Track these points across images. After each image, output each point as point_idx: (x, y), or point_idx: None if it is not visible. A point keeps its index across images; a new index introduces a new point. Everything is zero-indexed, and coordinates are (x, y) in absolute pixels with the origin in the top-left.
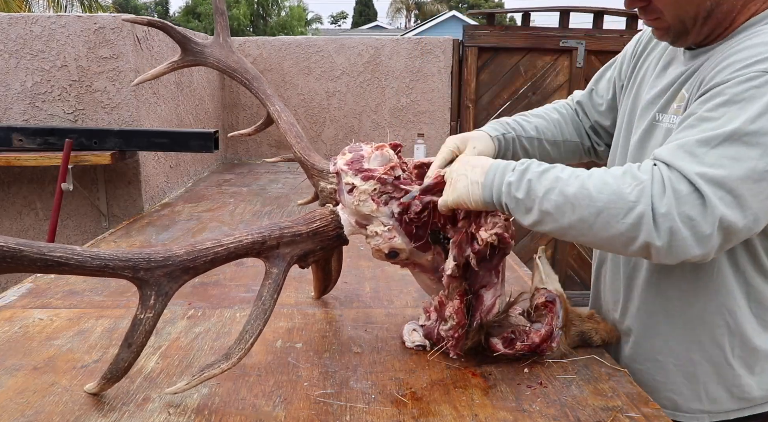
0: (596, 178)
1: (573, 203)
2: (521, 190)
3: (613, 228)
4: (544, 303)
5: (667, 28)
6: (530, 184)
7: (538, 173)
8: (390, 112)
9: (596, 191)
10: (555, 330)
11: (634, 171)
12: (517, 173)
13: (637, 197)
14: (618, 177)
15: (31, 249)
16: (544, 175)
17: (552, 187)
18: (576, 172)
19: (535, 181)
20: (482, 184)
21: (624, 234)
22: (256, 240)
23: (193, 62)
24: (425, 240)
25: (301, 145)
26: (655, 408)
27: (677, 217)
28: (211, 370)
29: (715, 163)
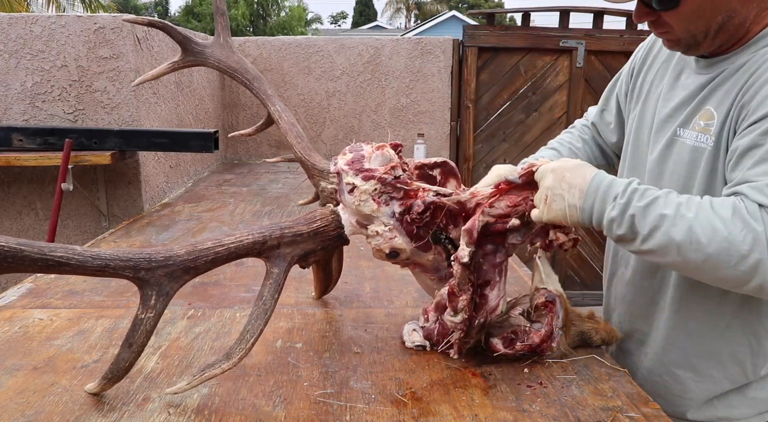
0: (704, 220)
1: (680, 246)
2: (623, 226)
3: (722, 272)
4: (544, 303)
5: (678, 40)
6: (633, 220)
7: (642, 208)
8: (390, 112)
9: (705, 238)
10: (555, 330)
11: (745, 215)
12: (618, 208)
13: (751, 246)
14: (728, 221)
15: (32, 249)
16: (648, 211)
17: (657, 226)
18: (681, 206)
19: (639, 218)
20: (581, 209)
21: (737, 278)
22: (257, 240)
23: (193, 62)
24: (426, 241)
25: (301, 145)
26: (655, 408)
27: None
28: (211, 370)
29: None
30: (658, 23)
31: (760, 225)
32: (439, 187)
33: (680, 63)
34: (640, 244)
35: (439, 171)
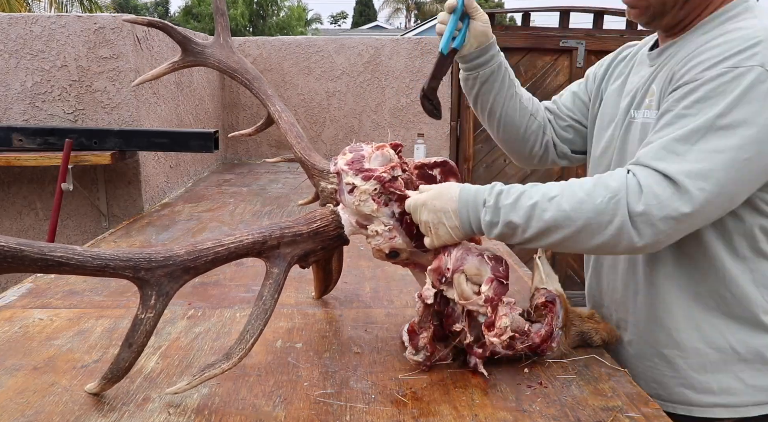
0: (569, 195)
1: (555, 226)
2: (500, 225)
3: (596, 240)
4: (544, 303)
5: (647, 7)
6: (507, 217)
7: (511, 205)
8: (390, 112)
9: (573, 211)
10: (555, 330)
11: (607, 181)
12: (490, 211)
13: (614, 210)
14: (590, 191)
15: (32, 249)
16: (517, 205)
17: (530, 215)
18: (547, 191)
19: (512, 214)
20: (461, 227)
21: (608, 243)
22: (257, 240)
23: (193, 63)
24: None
25: (301, 145)
26: (655, 408)
27: (657, 218)
28: (211, 370)
29: (699, 158)
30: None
31: (619, 184)
32: None
33: (630, 62)
34: (521, 236)
35: (439, 170)
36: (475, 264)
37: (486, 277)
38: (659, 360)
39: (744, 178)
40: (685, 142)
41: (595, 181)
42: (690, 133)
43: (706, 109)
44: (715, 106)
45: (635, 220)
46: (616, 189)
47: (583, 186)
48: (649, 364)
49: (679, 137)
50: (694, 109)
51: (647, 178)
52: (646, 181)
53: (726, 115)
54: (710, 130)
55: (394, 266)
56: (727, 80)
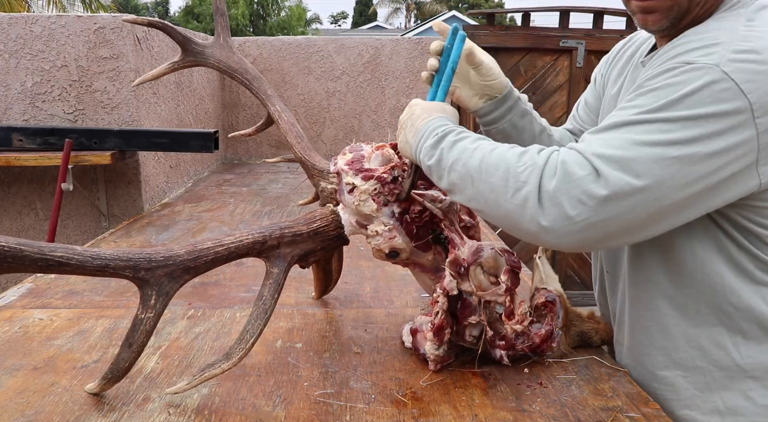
0: (497, 153)
1: (473, 176)
2: (434, 157)
3: (502, 207)
4: (544, 303)
5: (669, 8)
6: (442, 153)
7: (451, 143)
8: (390, 112)
9: (493, 167)
10: (555, 330)
11: (533, 152)
12: (433, 139)
13: (527, 178)
14: (517, 155)
15: (32, 249)
16: (455, 146)
17: (459, 158)
18: (485, 145)
19: (446, 151)
20: (411, 145)
21: (512, 212)
22: (257, 240)
23: (193, 63)
24: (426, 240)
25: (301, 145)
26: (655, 408)
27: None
28: (211, 370)
29: (622, 146)
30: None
31: (542, 159)
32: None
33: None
34: (446, 179)
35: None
36: (492, 255)
37: (503, 268)
38: (659, 384)
39: (676, 179)
40: (615, 129)
41: (528, 149)
42: (622, 122)
43: (646, 100)
44: (653, 98)
45: (543, 196)
46: (537, 163)
47: (516, 149)
48: (649, 390)
49: (610, 125)
50: (637, 100)
51: (568, 156)
52: (566, 157)
53: (665, 109)
54: (644, 121)
55: (394, 266)
56: (674, 74)
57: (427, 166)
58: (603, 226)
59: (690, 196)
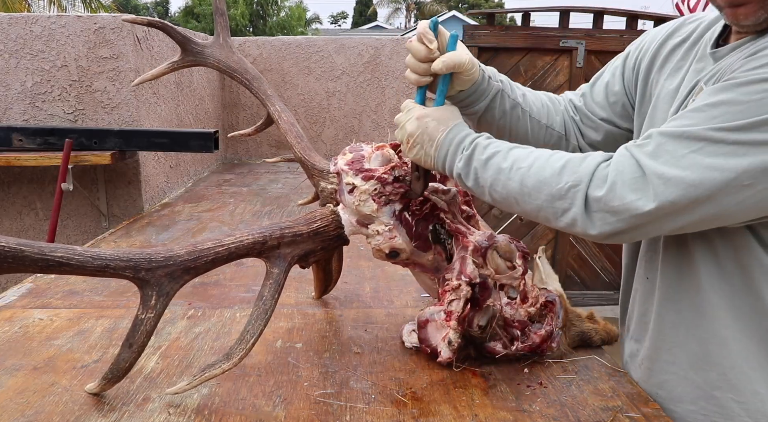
0: (535, 172)
1: (516, 199)
2: (470, 179)
3: (552, 223)
4: (544, 303)
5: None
6: (477, 173)
7: (483, 162)
8: (390, 112)
9: (535, 190)
10: (555, 330)
11: (576, 166)
12: (464, 160)
13: (572, 199)
14: (556, 174)
15: (33, 249)
16: (488, 165)
17: (496, 179)
18: (517, 160)
19: (481, 170)
20: (436, 160)
21: (563, 228)
22: (257, 240)
23: (193, 62)
24: (426, 240)
25: (301, 145)
26: (655, 408)
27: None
28: (212, 370)
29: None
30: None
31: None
32: (440, 183)
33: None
34: (488, 197)
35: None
36: (505, 240)
37: (517, 253)
38: (706, 404)
39: (740, 203)
40: (687, 145)
41: (567, 161)
42: (697, 137)
43: (729, 114)
44: (741, 115)
45: (590, 208)
46: (580, 178)
47: (553, 164)
48: (692, 408)
49: (684, 134)
50: (718, 109)
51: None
52: (618, 175)
53: (747, 131)
54: (720, 143)
55: (394, 266)
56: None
57: (462, 184)
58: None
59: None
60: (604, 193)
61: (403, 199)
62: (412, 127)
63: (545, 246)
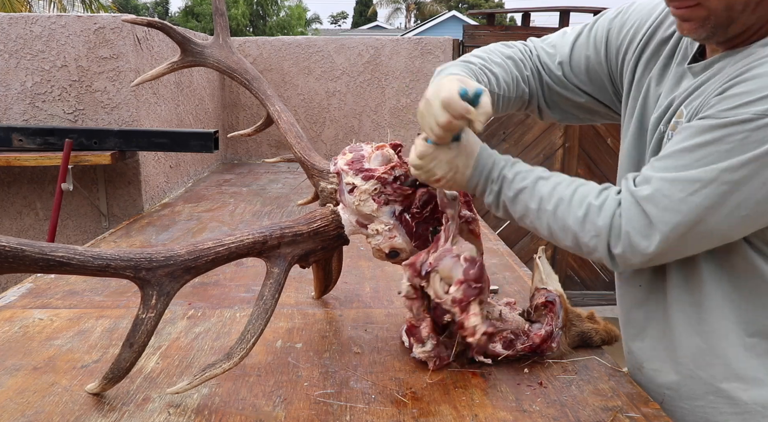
0: (560, 219)
1: (545, 235)
2: (500, 211)
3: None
4: (544, 303)
5: (705, 18)
6: (506, 206)
7: (511, 199)
8: (390, 112)
9: (561, 234)
10: (555, 330)
11: (594, 218)
12: (493, 195)
13: (595, 246)
14: (579, 222)
15: (33, 249)
16: (516, 202)
17: (524, 216)
18: (542, 201)
19: (510, 205)
20: (466, 186)
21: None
22: (258, 240)
23: (192, 63)
24: (426, 239)
25: (301, 145)
26: (654, 408)
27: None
28: (212, 370)
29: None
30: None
31: (604, 225)
32: None
33: (680, 69)
34: (518, 224)
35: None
36: (449, 265)
37: (455, 279)
38: (715, 397)
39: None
40: (683, 188)
41: (585, 212)
42: (692, 180)
43: (716, 155)
44: (728, 156)
45: (614, 258)
46: (601, 229)
47: (576, 211)
48: (701, 404)
49: (679, 179)
50: (705, 150)
51: (631, 222)
52: (628, 227)
53: (736, 170)
54: (713, 182)
55: (394, 266)
56: (751, 128)
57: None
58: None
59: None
60: (621, 250)
61: (403, 199)
62: (443, 171)
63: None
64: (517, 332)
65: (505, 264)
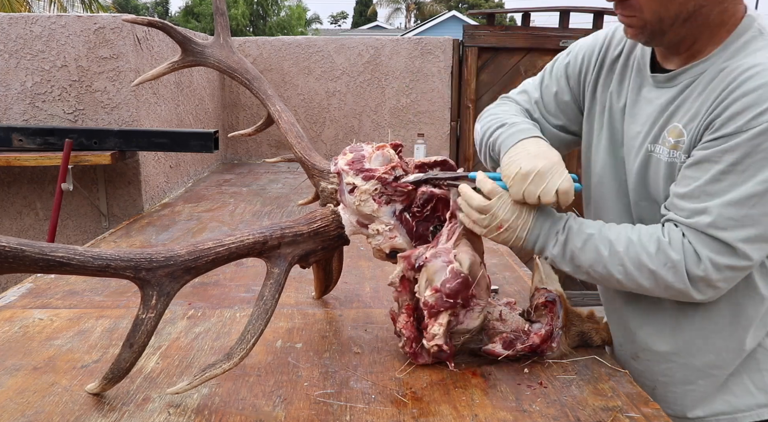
0: (634, 257)
1: (618, 280)
2: (566, 263)
3: (657, 295)
4: (544, 303)
5: (643, 26)
6: (573, 255)
7: (579, 248)
8: (390, 112)
9: (636, 272)
10: (555, 330)
11: (666, 249)
12: (559, 246)
13: (674, 277)
14: (653, 257)
15: (33, 249)
16: (585, 249)
17: (596, 261)
18: (612, 244)
19: (579, 255)
20: (526, 242)
21: (669, 298)
22: (258, 240)
23: (193, 62)
24: (426, 240)
25: (301, 145)
26: (655, 408)
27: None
28: (212, 370)
29: (756, 222)
30: (628, 5)
31: (679, 256)
32: None
33: (638, 79)
34: (585, 276)
35: (439, 169)
36: (436, 268)
37: (433, 285)
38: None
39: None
40: (741, 206)
41: (657, 246)
42: (745, 197)
43: (755, 167)
44: (759, 165)
45: (695, 282)
46: (677, 260)
47: (647, 249)
48: (692, 387)
49: (734, 201)
50: (743, 165)
51: (705, 247)
52: (704, 250)
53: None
54: (759, 194)
55: (395, 266)
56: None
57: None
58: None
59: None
60: (704, 272)
61: (404, 197)
62: (508, 213)
63: None
64: (517, 332)
65: (505, 264)
